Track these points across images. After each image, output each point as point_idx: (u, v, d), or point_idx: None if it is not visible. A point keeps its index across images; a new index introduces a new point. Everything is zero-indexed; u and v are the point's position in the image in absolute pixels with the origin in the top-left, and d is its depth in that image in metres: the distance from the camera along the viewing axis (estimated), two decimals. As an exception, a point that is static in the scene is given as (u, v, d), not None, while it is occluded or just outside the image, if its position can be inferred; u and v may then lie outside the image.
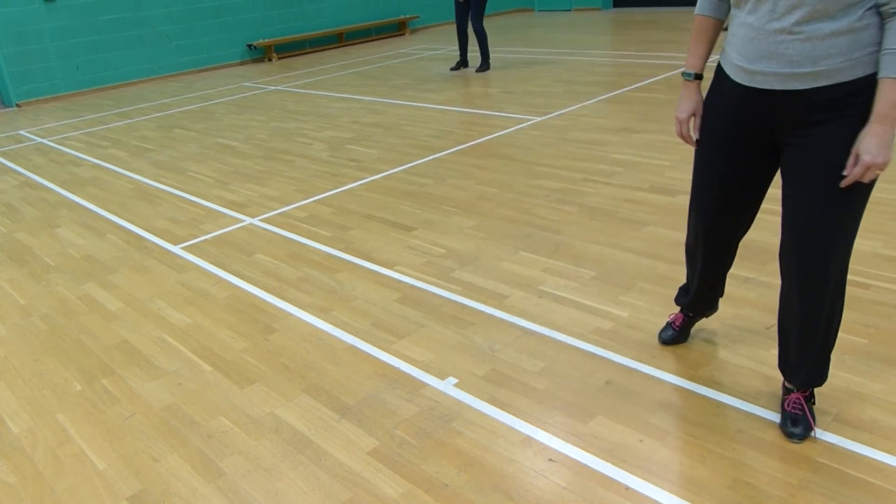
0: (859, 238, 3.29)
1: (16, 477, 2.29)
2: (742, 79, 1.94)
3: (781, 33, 1.80)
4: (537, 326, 2.85)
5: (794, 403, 2.14)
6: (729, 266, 2.39)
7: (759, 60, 1.87)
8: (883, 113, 1.74)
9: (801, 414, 2.12)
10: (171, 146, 6.53)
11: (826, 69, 1.78)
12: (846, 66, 1.76)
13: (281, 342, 2.94)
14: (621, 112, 6.02)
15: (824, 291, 1.97)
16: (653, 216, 3.79)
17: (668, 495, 1.94)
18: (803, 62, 1.79)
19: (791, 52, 1.80)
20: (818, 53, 1.77)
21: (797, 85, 1.83)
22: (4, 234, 4.60)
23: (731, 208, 2.17)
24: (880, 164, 1.76)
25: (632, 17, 12.58)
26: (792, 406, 2.15)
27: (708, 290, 2.46)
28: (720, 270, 2.39)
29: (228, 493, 2.12)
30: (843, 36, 1.74)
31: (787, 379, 2.18)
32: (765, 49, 1.85)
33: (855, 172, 1.80)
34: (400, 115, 6.75)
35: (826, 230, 1.90)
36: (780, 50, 1.82)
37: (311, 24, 12.23)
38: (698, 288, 2.45)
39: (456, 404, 2.42)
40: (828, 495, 1.89)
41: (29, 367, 2.95)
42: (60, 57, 9.77)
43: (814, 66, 1.78)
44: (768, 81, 1.87)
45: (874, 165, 1.77)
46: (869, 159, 1.76)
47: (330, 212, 4.36)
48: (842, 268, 1.97)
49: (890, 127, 1.75)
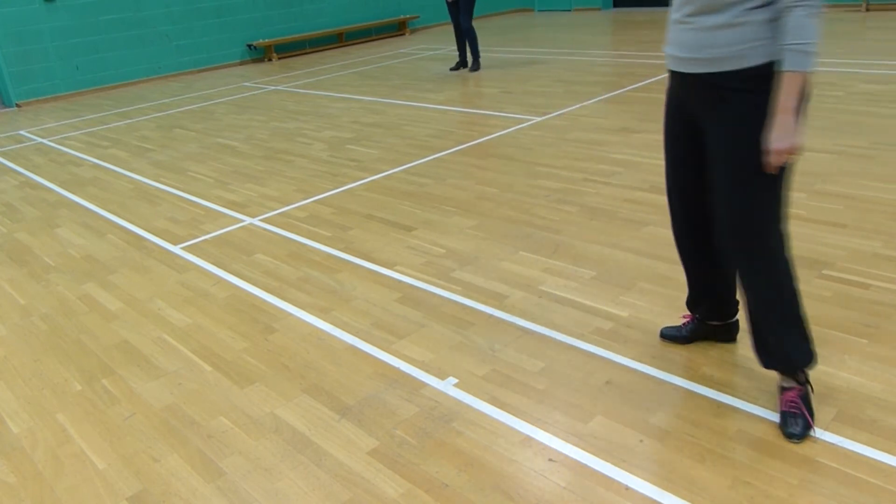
0: (859, 238, 3.29)
1: (16, 477, 2.29)
2: (667, 62, 2.19)
3: (680, 23, 2.07)
4: (537, 326, 2.85)
5: (790, 402, 2.15)
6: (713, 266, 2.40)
7: (670, 45, 2.15)
8: (782, 103, 1.90)
9: (799, 412, 2.13)
10: (171, 146, 6.53)
11: (710, 57, 1.99)
12: (730, 55, 1.96)
13: (281, 342, 2.94)
14: (621, 112, 6.02)
15: (758, 267, 2.09)
16: (653, 216, 3.79)
17: (668, 495, 1.94)
18: (694, 48, 2.03)
19: (685, 39, 2.06)
20: (704, 42, 2.00)
21: (694, 68, 2.05)
22: (4, 234, 4.60)
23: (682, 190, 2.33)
24: (787, 150, 1.92)
25: (632, 17, 12.58)
26: (788, 405, 2.15)
27: (695, 287, 2.52)
28: (702, 265, 2.43)
29: (228, 493, 2.12)
30: (725, 29, 1.95)
31: (765, 363, 2.21)
32: (672, 36, 2.12)
33: (768, 161, 1.96)
34: (400, 115, 6.75)
35: (735, 213, 2.06)
36: (679, 37, 2.08)
37: (311, 24, 12.23)
38: (688, 283, 2.54)
39: (456, 404, 2.42)
40: (828, 495, 1.89)
41: (29, 367, 2.95)
42: (60, 57, 9.77)
43: (700, 53, 2.01)
44: (675, 63, 2.13)
45: (781, 152, 1.92)
46: (772, 146, 1.93)
47: (330, 212, 4.36)
48: (771, 244, 2.07)
49: (789, 116, 1.90)
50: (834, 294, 2.86)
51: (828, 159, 4.37)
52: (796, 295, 2.12)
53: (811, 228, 3.45)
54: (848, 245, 3.25)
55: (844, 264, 3.08)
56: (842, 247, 3.24)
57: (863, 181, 3.98)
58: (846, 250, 3.21)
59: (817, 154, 4.48)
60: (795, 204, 3.75)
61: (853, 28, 9.17)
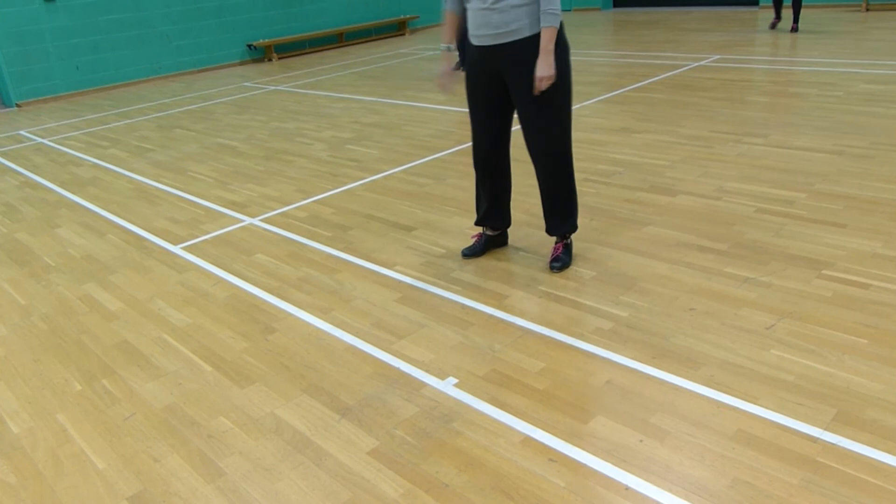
0: (859, 238, 3.30)
1: (16, 477, 2.29)
2: (475, 41, 3.06)
3: (486, 10, 2.93)
4: (537, 326, 2.85)
5: (558, 249, 3.32)
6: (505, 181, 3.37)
7: (479, 28, 2.99)
8: (543, 47, 2.89)
9: (562, 254, 3.30)
10: (171, 146, 6.53)
11: (513, 29, 2.93)
12: (524, 26, 2.92)
13: (281, 342, 2.94)
14: (621, 112, 6.02)
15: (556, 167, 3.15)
16: (653, 216, 3.79)
17: (667, 495, 1.94)
18: (500, 25, 2.93)
19: (493, 21, 2.94)
20: (508, 20, 2.91)
21: (500, 41, 2.96)
22: (4, 234, 4.60)
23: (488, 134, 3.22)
24: (548, 77, 2.89)
25: (632, 17, 12.58)
26: (556, 251, 3.32)
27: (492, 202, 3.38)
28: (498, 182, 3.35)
29: (228, 493, 2.12)
30: (521, 8, 2.89)
31: (552, 233, 3.33)
32: (480, 20, 2.97)
33: (537, 85, 2.91)
34: (400, 115, 6.75)
35: (539, 128, 3.07)
36: (487, 20, 2.95)
37: (311, 24, 12.23)
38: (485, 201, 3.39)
39: (456, 404, 2.42)
40: (828, 495, 1.89)
41: (29, 367, 2.95)
42: (60, 57, 9.77)
43: (507, 27, 2.93)
44: (485, 40, 3.00)
45: (544, 78, 2.90)
46: (539, 74, 2.89)
47: (330, 212, 4.37)
48: (562, 150, 3.12)
49: (548, 55, 2.88)
50: (834, 294, 2.86)
51: (828, 159, 4.37)
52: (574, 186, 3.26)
53: (811, 228, 3.45)
54: (848, 245, 3.25)
55: (844, 264, 3.08)
56: (842, 247, 3.24)
57: (863, 181, 3.98)
58: (846, 250, 3.21)
59: (817, 154, 4.49)
60: (795, 204, 3.76)
61: (853, 28, 9.17)
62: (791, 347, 2.54)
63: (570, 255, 3.35)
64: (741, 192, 3.99)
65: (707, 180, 4.23)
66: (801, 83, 6.39)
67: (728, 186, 4.10)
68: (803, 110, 5.50)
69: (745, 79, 6.79)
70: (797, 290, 2.92)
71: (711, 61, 7.82)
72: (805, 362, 2.45)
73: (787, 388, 2.33)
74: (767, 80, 6.63)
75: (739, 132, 5.10)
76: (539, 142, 3.10)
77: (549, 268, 3.30)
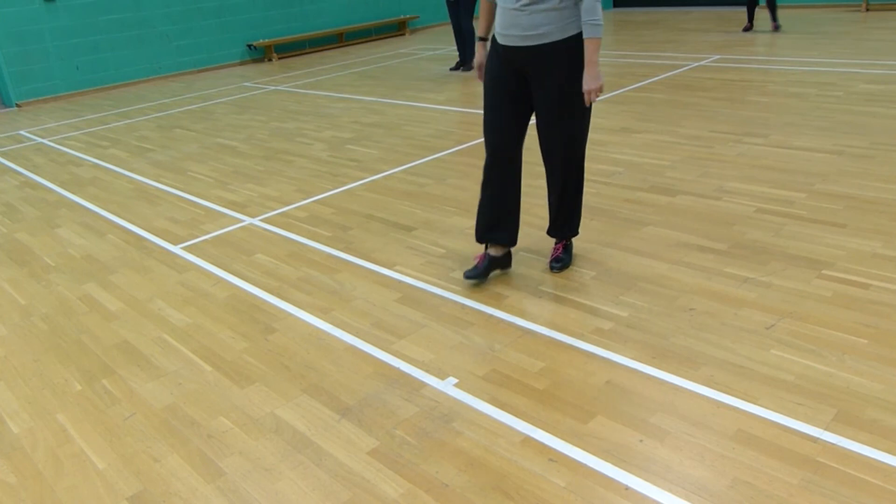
0: (859, 238, 3.30)
1: (16, 477, 2.29)
2: (502, 40, 2.96)
3: (516, 11, 2.85)
4: (537, 326, 2.85)
5: (559, 250, 3.32)
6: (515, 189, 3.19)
7: (508, 28, 2.91)
8: (588, 59, 2.83)
9: (563, 254, 3.31)
10: (171, 146, 6.53)
11: (543, 32, 2.84)
12: (554, 30, 2.84)
13: (281, 342, 2.94)
14: (621, 112, 6.02)
15: (570, 173, 3.12)
16: (653, 216, 3.79)
17: (667, 495, 1.94)
18: (529, 28, 2.85)
19: (523, 22, 2.86)
20: (537, 23, 2.84)
21: (529, 42, 2.88)
22: (4, 234, 4.60)
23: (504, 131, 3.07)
24: (595, 90, 2.85)
25: (632, 17, 12.58)
26: (556, 252, 3.32)
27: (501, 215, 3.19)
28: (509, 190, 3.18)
29: (228, 493, 2.12)
30: (551, 12, 2.82)
31: (556, 236, 3.33)
32: (510, 21, 2.89)
33: (587, 97, 2.88)
34: (400, 115, 6.75)
35: (559, 137, 3.02)
36: (517, 21, 2.87)
37: (311, 24, 12.23)
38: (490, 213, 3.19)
39: (456, 404, 2.42)
40: (828, 495, 1.89)
41: (29, 367, 2.95)
42: (60, 57, 9.77)
43: (536, 30, 2.85)
44: (513, 41, 2.91)
45: (591, 91, 2.85)
46: (587, 87, 2.85)
47: (330, 212, 4.37)
48: (579, 157, 3.10)
49: (593, 67, 2.83)
50: (834, 294, 2.86)
51: (828, 159, 4.37)
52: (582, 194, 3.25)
53: (811, 228, 3.46)
54: (848, 245, 3.25)
55: (844, 264, 3.09)
56: (842, 247, 3.24)
57: (863, 181, 3.98)
58: (846, 250, 3.21)
59: (817, 154, 4.49)
60: (795, 204, 3.76)
61: (853, 28, 9.17)
62: (791, 347, 2.54)
63: (570, 255, 3.35)
64: (741, 192, 3.99)
65: (707, 180, 4.23)
66: (801, 83, 6.39)
67: (728, 186, 4.10)
68: (803, 110, 5.50)
69: (745, 79, 6.79)
70: (797, 290, 2.92)
71: (711, 61, 7.82)
72: (805, 362, 2.45)
73: (787, 388, 2.33)
74: (767, 80, 6.63)
75: (739, 132, 5.10)
76: (557, 149, 3.05)
77: (549, 268, 3.30)
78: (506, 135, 3.07)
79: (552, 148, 3.06)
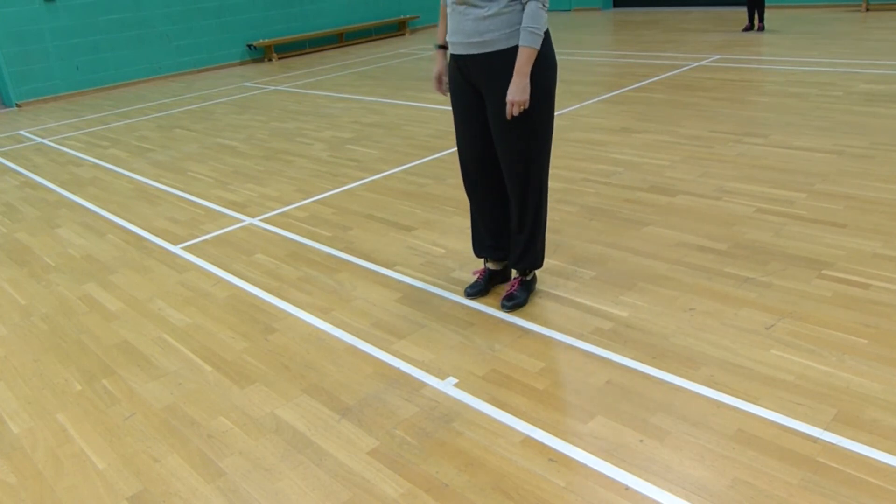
0: (859, 238, 3.30)
1: (16, 477, 2.29)
2: (451, 49, 2.75)
3: (459, 15, 2.63)
4: (537, 326, 2.85)
5: (514, 287, 2.99)
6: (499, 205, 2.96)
7: (453, 34, 2.69)
8: (518, 68, 2.55)
9: (517, 291, 2.98)
10: (171, 146, 6.53)
11: (486, 40, 2.60)
12: (499, 38, 2.58)
13: (281, 342, 2.94)
14: (621, 112, 6.02)
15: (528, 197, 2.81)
16: (653, 216, 3.79)
17: (667, 495, 1.94)
18: (473, 34, 2.61)
19: (466, 28, 2.62)
20: (480, 30, 2.59)
21: (474, 50, 2.64)
22: (4, 234, 4.60)
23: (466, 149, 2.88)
24: (520, 102, 2.57)
25: (632, 17, 12.58)
26: (511, 287, 2.99)
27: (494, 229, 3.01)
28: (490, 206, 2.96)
29: (228, 493, 2.12)
30: (494, 18, 2.56)
31: (515, 268, 2.98)
32: (454, 26, 2.67)
33: (508, 110, 2.59)
34: (400, 115, 6.75)
35: (511, 155, 2.73)
36: (460, 26, 2.64)
37: (311, 24, 12.23)
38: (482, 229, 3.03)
39: (456, 404, 2.42)
40: (828, 495, 1.89)
41: (29, 367, 2.95)
42: (60, 57, 9.77)
43: (480, 37, 2.60)
44: (459, 48, 2.69)
45: (515, 103, 2.57)
46: (510, 98, 2.57)
47: (330, 212, 4.37)
48: (537, 180, 2.79)
49: (523, 77, 2.55)
50: (834, 294, 2.86)
51: (828, 159, 4.37)
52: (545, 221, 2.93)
53: (811, 228, 3.45)
54: (848, 245, 3.25)
55: (844, 264, 3.08)
56: (842, 247, 3.24)
57: (863, 181, 3.98)
58: (846, 250, 3.21)
59: (817, 154, 4.49)
60: (795, 204, 3.76)
61: (853, 28, 9.17)
62: (791, 347, 2.54)
63: (528, 292, 3.01)
64: (741, 192, 3.99)
65: (707, 180, 4.23)
66: (801, 83, 6.39)
67: (728, 186, 4.10)
68: (803, 110, 5.50)
69: (745, 79, 6.79)
70: (797, 290, 2.92)
71: (711, 61, 7.82)
72: (805, 362, 2.45)
73: (787, 388, 2.33)
74: (767, 80, 6.63)
75: (739, 132, 5.10)
76: (511, 168, 2.76)
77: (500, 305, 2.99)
78: (468, 152, 2.88)
79: (506, 167, 2.78)
